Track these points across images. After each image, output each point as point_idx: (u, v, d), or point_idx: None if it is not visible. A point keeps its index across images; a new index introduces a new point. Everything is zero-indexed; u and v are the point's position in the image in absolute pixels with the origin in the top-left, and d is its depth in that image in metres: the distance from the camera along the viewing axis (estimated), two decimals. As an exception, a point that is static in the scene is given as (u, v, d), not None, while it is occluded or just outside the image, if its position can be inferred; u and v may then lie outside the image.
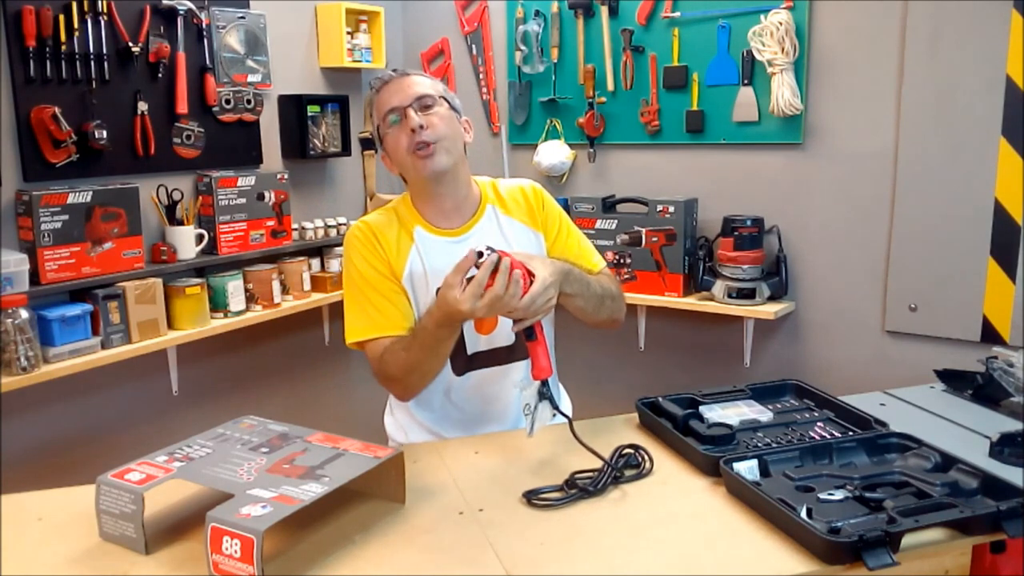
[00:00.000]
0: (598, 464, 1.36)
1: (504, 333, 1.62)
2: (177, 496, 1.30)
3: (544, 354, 1.39)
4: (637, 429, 1.56)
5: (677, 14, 2.65)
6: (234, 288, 2.54)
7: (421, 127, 1.52)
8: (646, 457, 1.39)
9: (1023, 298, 2.18)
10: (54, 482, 1.44)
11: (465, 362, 1.62)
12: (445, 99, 1.60)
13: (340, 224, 2.99)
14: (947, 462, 1.31)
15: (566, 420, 1.42)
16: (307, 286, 2.80)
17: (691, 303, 2.60)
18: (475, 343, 1.62)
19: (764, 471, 1.32)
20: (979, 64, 2.18)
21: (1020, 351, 1.77)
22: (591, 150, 2.89)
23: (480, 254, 1.32)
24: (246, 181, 2.63)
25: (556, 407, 1.40)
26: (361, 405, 3.11)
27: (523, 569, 1.10)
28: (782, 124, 2.52)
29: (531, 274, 1.36)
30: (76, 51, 2.21)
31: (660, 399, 1.58)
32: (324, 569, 1.11)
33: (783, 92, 2.43)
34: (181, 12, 2.45)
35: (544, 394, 1.38)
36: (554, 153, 2.92)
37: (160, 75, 2.42)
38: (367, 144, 3.15)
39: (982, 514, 1.16)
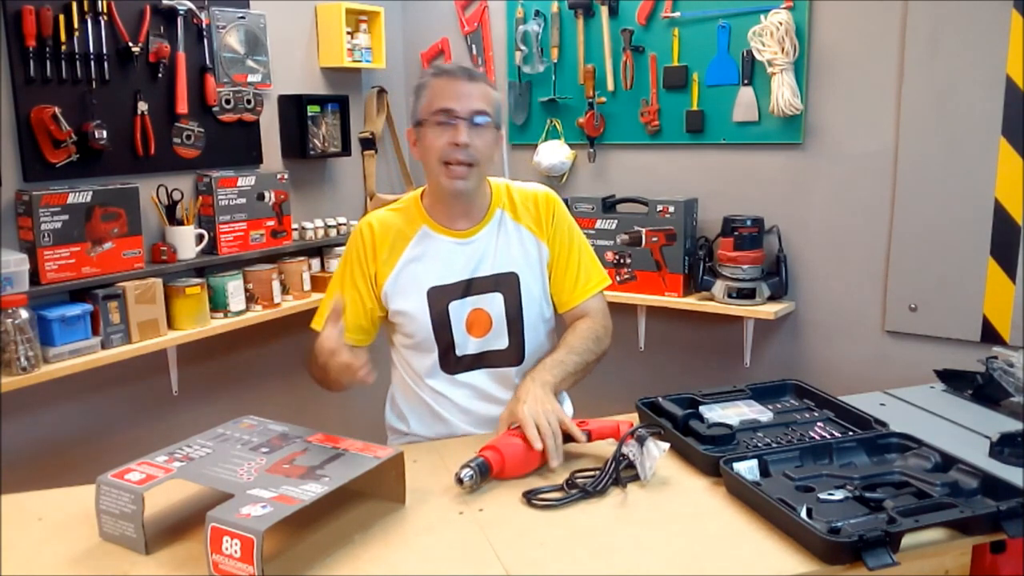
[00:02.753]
0: (598, 464, 1.36)
1: (496, 338, 1.63)
2: (177, 496, 1.30)
3: (603, 424, 1.44)
4: (637, 429, 1.56)
5: (677, 14, 2.65)
6: (234, 288, 2.54)
7: (466, 145, 1.51)
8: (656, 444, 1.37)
9: (1023, 298, 2.18)
10: (54, 482, 1.44)
11: (456, 364, 1.63)
12: (496, 115, 1.58)
13: (340, 224, 2.99)
14: (947, 462, 1.31)
15: (666, 444, 1.39)
16: (307, 286, 2.80)
17: (691, 303, 2.60)
18: (466, 347, 1.62)
19: (764, 471, 1.32)
20: (979, 64, 2.18)
21: (1020, 351, 1.77)
22: (591, 150, 2.89)
23: (460, 479, 1.31)
24: (246, 181, 2.63)
25: (658, 441, 1.36)
26: (361, 405, 3.11)
27: (523, 569, 1.10)
28: (782, 124, 2.52)
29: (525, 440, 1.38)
30: (76, 51, 2.21)
31: (660, 399, 1.58)
32: (324, 569, 1.11)
33: (783, 92, 2.43)
34: (181, 12, 2.45)
35: (642, 437, 1.36)
36: (554, 153, 2.92)
37: (160, 75, 2.42)
38: (367, 144, 3.15)
39: (982, 514, 1.16)
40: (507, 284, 1.63)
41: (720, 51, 2.59)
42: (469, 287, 1.61)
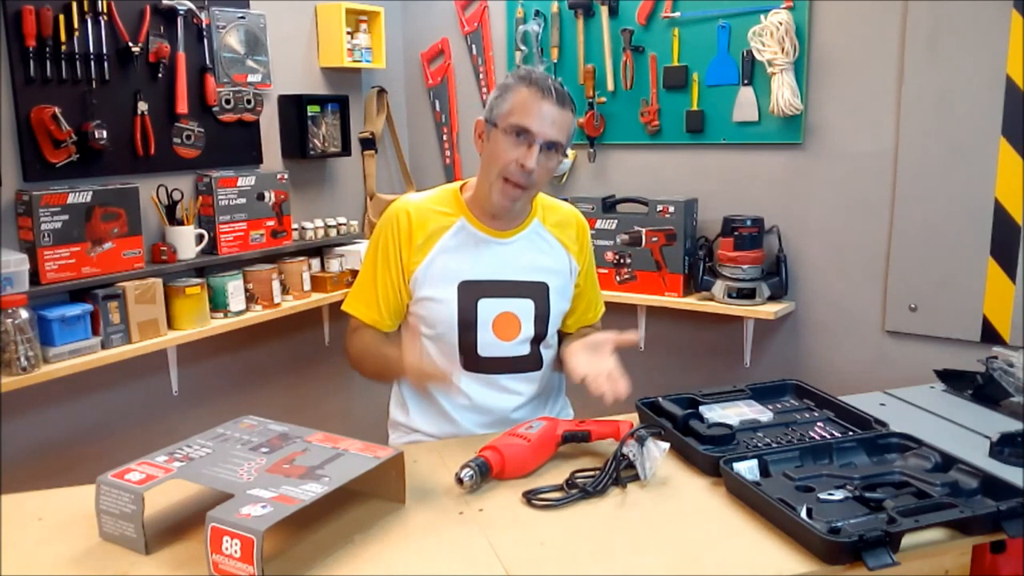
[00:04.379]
0: (598, 464, 1.36)
1: (521, 345, 1.63)
2: (177, 496, 1.30)
3: (603, 424, 1.44)
4: (637, 429, 1.56)
5: (677, 14, 2.65)
6: (234, 288, 2.54)
7: (532, 170, 1.50)
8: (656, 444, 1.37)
9: (1023, 298, 2.18)
10: (54, 482, 1.44)
11: (475, 362, 1.63)
12: (568, 143, 1.57)
13: (340, 224, 2.99)
14: (947, 462, 1.31)
15: (667, 444, 1.40)
16: (307, 286, 2.80)
17: (691, 303, 2.60)
18: (489, 348, 1.62)
19: (764, 471, 1.32)
20: (979, 64, 2.18)
21: (1020, 351, 1.77)
22: (591, 150, 2.89)
23: (460, 480, 1.31)
24: (246, 181, 2.63)
25: (658, 440, 1.37)
26: (361, 405, 3.12)
27: (523, 569, 1.10)
28: (782, 124, 2.52)
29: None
30: (76, 51, 2.21)
31: (660, 399, 1.58)
32: (324, 569, 1.11)
33: (783, 92, 2.42)
34: (181, 12, 2.45)
35: (643, 437, 1.36)
36: (554, 153, 2.92)
37: (160, 75, 2.42)
38: (367, 144, 3.16)
39: (982, 514, 1.16)
40: (537, 293, 1.63)
41: (720, 51, 2.59)
42: (500, 288, 1.61)
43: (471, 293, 1.59)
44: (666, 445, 1.36)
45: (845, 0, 2.38)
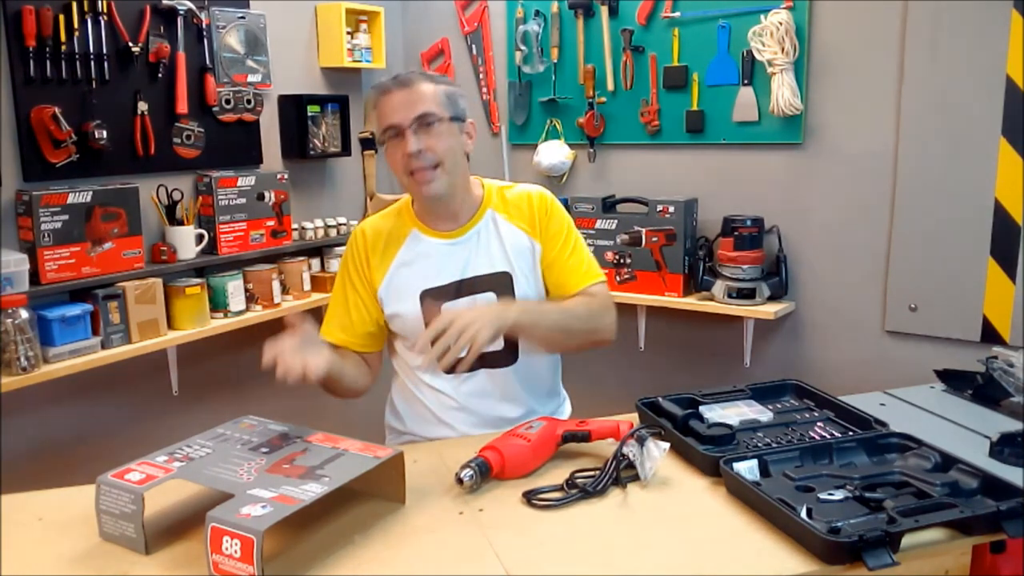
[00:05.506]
0: (598, 464, 1.36)
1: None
2: (177, 496, 1.30)
3: (603, 424, 1.43)
4: (637, 429, 1.56)
5: (677, 14, 2.65)
6: (234, 288, 2.54)
7: (419, 151, 1.51)
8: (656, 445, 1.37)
9: (1023, 298, 2.18)
10: (54, 482, 1.44)
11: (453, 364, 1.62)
12: (448, 109, 1.56)
13: (340, 224, 2.99)
14: (947, 462, 1.31)
15: (667, 444, 1.39)
16: (307, 286, 2.80)
17: (691, 303, 2.60)
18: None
19: (764, 471, 1.32)
20: (979, 64, 2.18)
21: (1020, 351, 1.77)
22: (591, 150, 2.89)
23: (460, 480, 1.31)
24: (246, 181, 2.63)
25: (659, 441, 1.36)
26: (361, 405, 3.11)
27: (523, 569, 1.10)
28: (782, 124, 2.52)
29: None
30: (76, 51, 2.21)
31: (660, 399, 1.58)
32: (324, 569, 1.11)
33: (783, 92, 2.43)
34: (181, 12, 2.45)
35: (643, 438, 1.36)
36: (554, 153, 2.92)
37: (160, 75, 2.42)
38: (367, 144, 3.15)
39: (982, 514, 1.16)
40: (500, 284, 1.62)
41: (720, 51, 2.59)
42: (461, 288, 1.61)
43: (434, 300, 1.60)
44: (666, 445, 1.36)
45: (845, 0, 2.38)
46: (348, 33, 2.95)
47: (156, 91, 2.43)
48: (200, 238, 2.53)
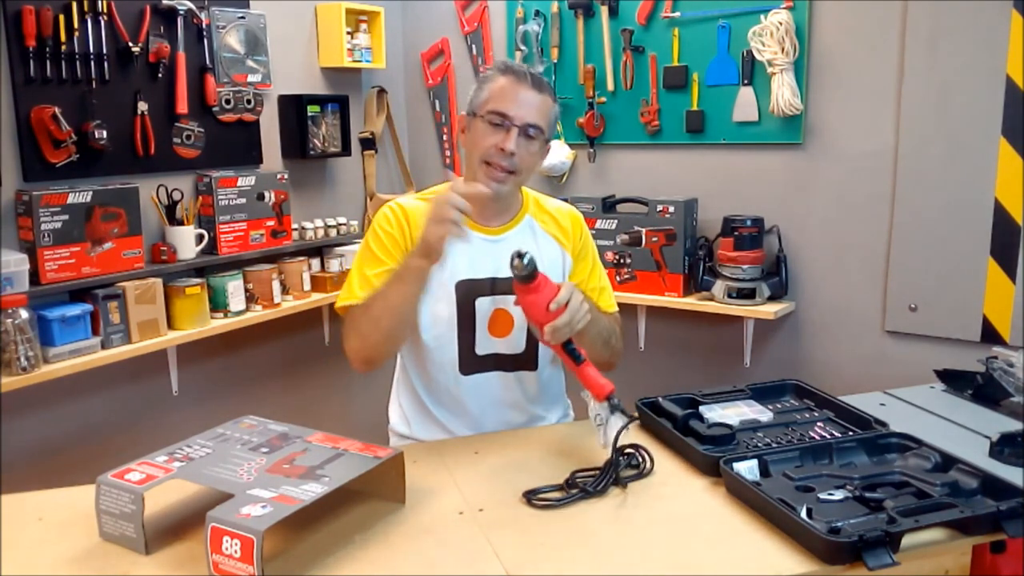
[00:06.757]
0: (598, 464, 1.36)
1: (515, 341, 1.62)
2: (177, 496, 1.30)
3: (597, 372, 1.40)
4: (637, 429, 1.56)
5: (677, 14, 2.65)
6: (234, 288, 2.54)
7: (512, 154, 1.51)
8: (646, 457, 1.39)
9: (1023, 298, 2.18)
10: (54, 482, 1.44)
11: (473, 362, 1.62)
12: (549, 129, 1.57)
13: (340, 224, 2.99)
14: (947, 462, 1.31)
15: (634, 420, 1.39)
16: (307, 286, 2.80)
17: (691, 303, 2.60)
18: (485, 346, 1.61)
19: (764, 471, 1.32)
20: (979, 64, 2.18)
21: (1020, 351, 1.77)
22: (591, 150, 2.89)
23: (520, 255, 1.32)
24: (246, 181, 2.63)
25: (627, 416, 1.36)
26: (361, 405, 3.12)
27: (523, 569, 1.10)
28: (782, 124, 2.52)
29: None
30: (76, 51, 2.21)
31: (660, 399, 1.58)
32: (324, 569, 1.11)
33: (783, 92, 2.42)
34: (181, 12, 2.45)
35: (615, 406, 1.36)
36: (554, 153, 2.92)
37: (160, 75, 2.42)
38: (367, 144, 3.16)
39: (982, 514, 1.16)
40: None
41: (720, 51, 2.59)
42: (495, 285, 1.60)
43: (468, 292, 1.59)
44: (633, 422, 1.36)
45: (845, 0, 2.38)
46: (348, 33, 2.95)
47: (156, 91, 2.43)
48: (200, 238, 2.53)
